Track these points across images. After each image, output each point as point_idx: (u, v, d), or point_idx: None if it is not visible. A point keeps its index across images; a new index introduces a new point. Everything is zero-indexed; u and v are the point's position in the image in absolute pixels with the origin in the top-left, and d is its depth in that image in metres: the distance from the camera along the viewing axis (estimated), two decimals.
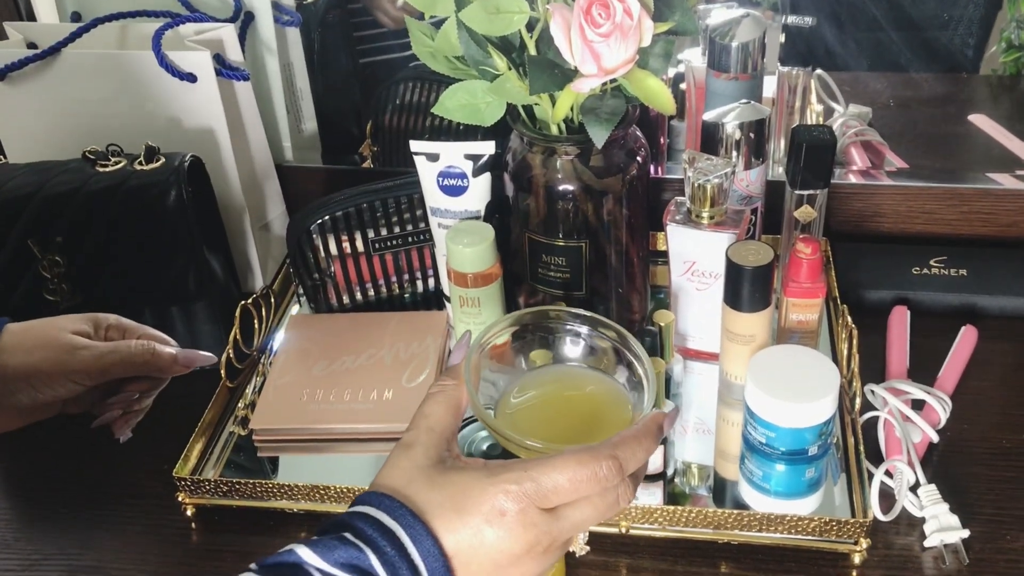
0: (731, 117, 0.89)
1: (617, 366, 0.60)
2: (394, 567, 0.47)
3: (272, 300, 0.99)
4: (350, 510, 0.50)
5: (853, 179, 1.08)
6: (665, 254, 0.90)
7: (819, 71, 1.08)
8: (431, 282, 1.00)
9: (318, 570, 0.47)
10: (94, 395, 0.74)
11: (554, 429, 0.59)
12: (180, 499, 0.81)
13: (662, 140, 1.10)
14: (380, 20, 1.07)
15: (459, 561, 0.49)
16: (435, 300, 1.00)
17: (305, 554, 0.47)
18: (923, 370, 0.90)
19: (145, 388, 0.76)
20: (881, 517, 0.76)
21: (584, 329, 0.62)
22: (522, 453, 0.55)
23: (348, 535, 0.48)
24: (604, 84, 0.78)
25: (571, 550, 0.60)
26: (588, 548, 0.69)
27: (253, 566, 0.47)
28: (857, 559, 0.74)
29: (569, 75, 0.76)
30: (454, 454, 0.54)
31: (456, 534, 0.49)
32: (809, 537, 0.75)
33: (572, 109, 0.82)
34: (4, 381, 0.66)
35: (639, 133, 0.88)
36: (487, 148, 0.86)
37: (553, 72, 0.76)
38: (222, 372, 0.88)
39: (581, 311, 0.61)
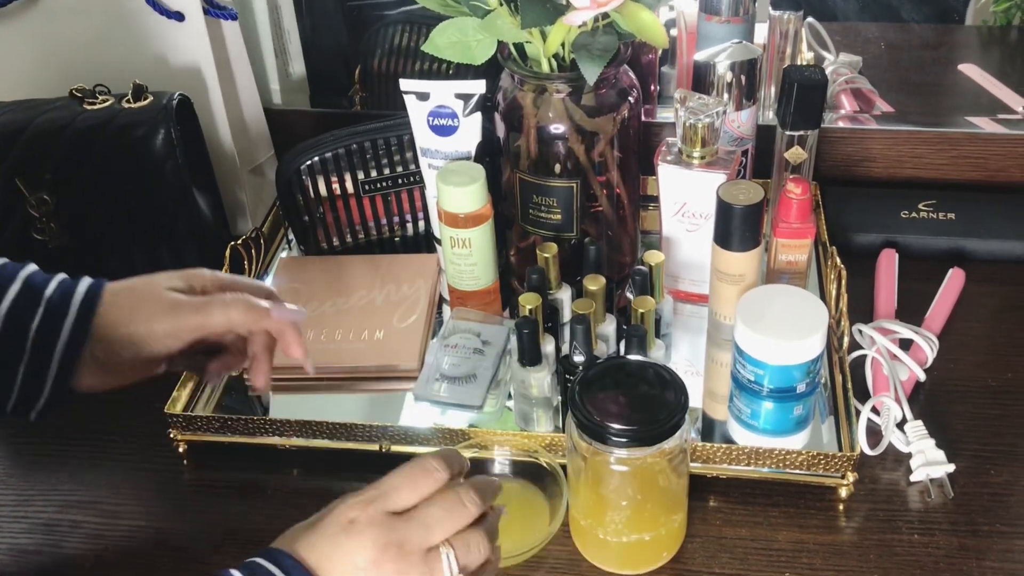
0: (723, 57, 0.89)
1: None
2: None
3: (262, 243, 0.98)
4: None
5: (843, 124, 1.08)
6: (656, 199, 0.90)
7: (810, 19, 1.07)
8: (421, 225, 0.99)
9: None
10: (194, 353, 0.72)
11: None
12: (172, 435, 0.82)
13: (653, 87, 1.09)
14: None
15: (324, 570, 0.55)
16: (425, 243, 1.00)
17: None
18: (911, 312, 0.90)
19: (239, 362, 0.74)
20: (868, 451, 0.77)
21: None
22: None
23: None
24: (596, 20, 0.77)
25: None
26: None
27: None
28: (844, 493, 0.75)
29: (561, 9, 0.75)
30: None
31: (315, 548, 0.56)
32: (797, 471, 0.76)
33: (563, 47, 0.81)
34: (108, 341, 0.65)
35: (631, 74, 0.87)
36: (478, 87, 0.86)
37: (545, 6, 0.75)
38: None
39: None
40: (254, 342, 0.72)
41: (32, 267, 0.67)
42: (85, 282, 0.67)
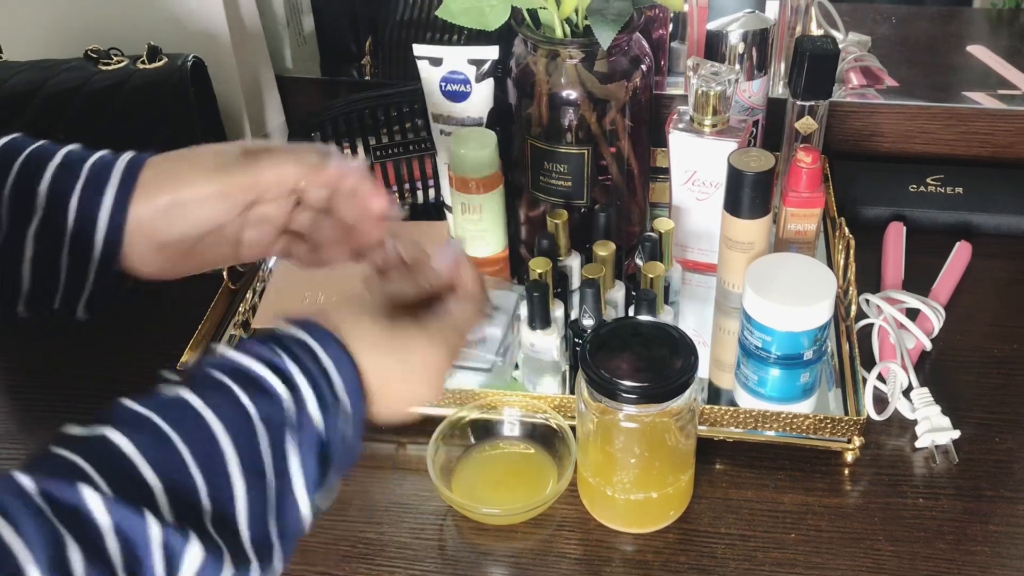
0: (735, 26, 0.89)
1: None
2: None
3: None
4: None
5: (852, 100, 1.09)
6: (665, 171, 0.90)
7: None
8: (431, 192, 1.00)
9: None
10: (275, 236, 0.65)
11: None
12: None
13: (663, 63, 1.09)
14: None
15: (352, 341, 0.54)
16: (435, 211, 1.01)
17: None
18: (918, 284, 0.91)
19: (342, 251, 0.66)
20: (875, 416, 0.78)
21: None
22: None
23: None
24: None
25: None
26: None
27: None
28: (849, 457, 0.76)
29: None
30: None
31: (342, 330, 0.54)
32: (803, 436, 0.76)
33: (577, 13, 0.82)
34: (154, 208, 0.59)
35: (644, 42, 0.87)
36: (491, 53, 0.86)
37: None
38: (224, 274, 0.89)
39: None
40: (338, 208, 0.64)
41: (73, 145, 0.63)
42: (128, 154, 0.62)
